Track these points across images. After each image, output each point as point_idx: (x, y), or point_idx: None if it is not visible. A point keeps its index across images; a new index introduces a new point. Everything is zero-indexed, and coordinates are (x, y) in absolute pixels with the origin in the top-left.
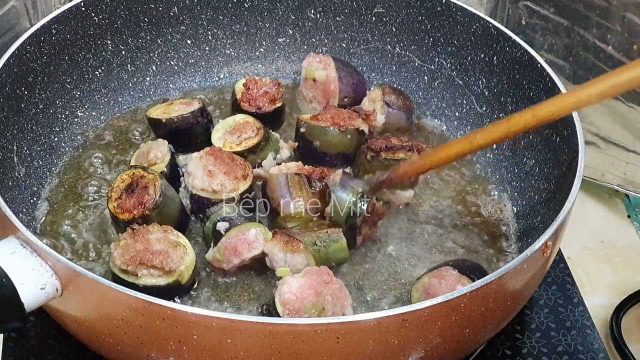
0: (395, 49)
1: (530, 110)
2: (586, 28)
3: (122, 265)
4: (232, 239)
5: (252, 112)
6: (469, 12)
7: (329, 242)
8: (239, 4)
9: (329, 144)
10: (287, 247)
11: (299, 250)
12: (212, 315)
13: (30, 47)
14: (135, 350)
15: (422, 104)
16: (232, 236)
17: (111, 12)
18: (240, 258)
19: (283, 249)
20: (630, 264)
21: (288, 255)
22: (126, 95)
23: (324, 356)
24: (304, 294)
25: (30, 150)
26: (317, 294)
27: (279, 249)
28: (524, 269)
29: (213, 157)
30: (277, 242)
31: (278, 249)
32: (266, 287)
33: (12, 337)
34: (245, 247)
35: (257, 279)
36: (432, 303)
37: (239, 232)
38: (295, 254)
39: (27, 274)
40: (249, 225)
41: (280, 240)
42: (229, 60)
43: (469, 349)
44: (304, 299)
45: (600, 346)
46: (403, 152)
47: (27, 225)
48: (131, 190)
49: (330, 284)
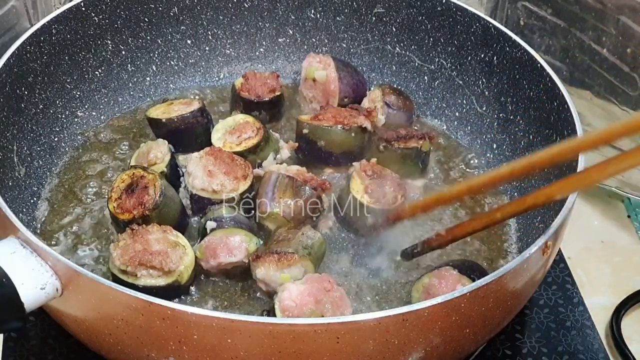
0: (395, 49)
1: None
2: (582, 30)
3: (122, 266)
4: (214, 240)
5: (251, 99)
6: (469, 12)
7: (312, 240)
8: (239, 4)
9: (334, 143)
10: (282, 264)
11: (295, 262)
12: (212, 315)
13: (30, 47)
14: (135, 350)
15: (422, 104)
16: (216, 238)
17: (111, 12)
18: (217, 261)
19: (278, 268)
20: (630, 264)
21: (285, 271)
22: (126, 95)
23: (324, 356)
24: (304, 300)
25: (30, 150)
26: (316, 301)
27: (274, 270)
28: (524, 269)
29: (213, 157)
30: (268, 264)
31: (273, 270)
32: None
33: (12, 337)
34: (225, 251)
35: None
36: (432, 303)
37: (223, 235)
38: (292, 267)
39: (27, 274)
40: (236, 231)
41: (271, 262)
42: (229, 60)
43: (469, 349)
44: (303, 305)
45: (600, 346)
46: (415, 141)
47: (27, 225)
48: (131, 191)
49: (331, 291)
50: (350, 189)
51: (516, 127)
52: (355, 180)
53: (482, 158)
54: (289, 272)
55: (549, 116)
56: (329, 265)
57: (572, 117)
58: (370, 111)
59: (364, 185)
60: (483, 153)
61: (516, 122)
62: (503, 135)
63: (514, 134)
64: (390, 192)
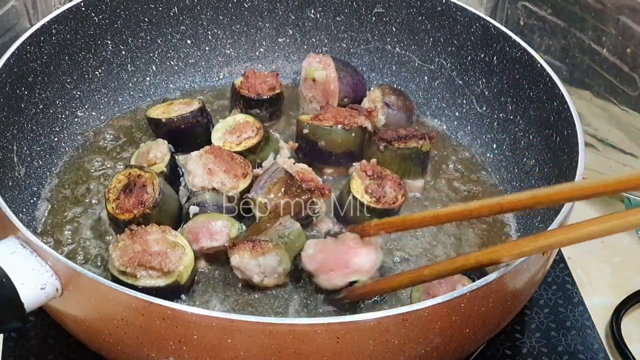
0: (395, 49)
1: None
2: (582, 30)
3: (121, 266)
4: (197, 224)
5: (251, 97)
6: (469, 12)
7: (289, 230)
8: (239, 4)
9: (334, 143)
10: (256, 252)
11: (269, 250)
12: (212, 315)
13: (30, 47)
14: (135, 350)
15: (422, 104)
16: (198, 222)
17: (111, 12)
18: (199, 245)
19: (253, 256)
20: (630, 264)
21: (260, 259)
22: (126, 95)
23: (324, 356)
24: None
25: (30, 150)
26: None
27: (249, 258)
28: (524, 269)
29: (213, 156)
30: (242, 252)
31: (247, 258)
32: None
33: (12, 337)
34: (207, 236)
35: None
36: (432, 303)
37: (205, 220)
38: (266, 255)
39: (27, 274)
40: (218, 216)
41: (245, 249)
42: (229, 60)
43: (469, 349)
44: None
45: (600, 346)
46: (415, 141)
47: (27, 225)
48: (129, 190)
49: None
50: (350, 189)
51: (516, 127)
52: (356, 180)
53: (482, 158)
54: (264, 261)
55: (549, 116)
56: None
57: (572, 117)
58: (370, 111)
59: (364, 186)
60: (483, 153)
61: (516, 122)
62: (503, 135)
63: (514, 134)
64: (390, 192)
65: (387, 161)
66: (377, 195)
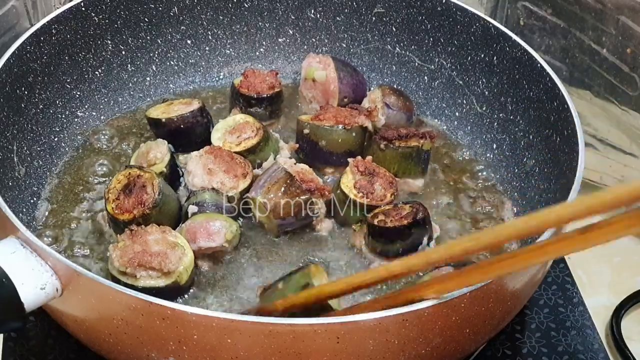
0: (395, 49)
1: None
2: (582, 30)
3: (121, 267)
4: (195, 224)
5: (251, 95)
6: (469, 12)
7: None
8: (239, 4)
9: (335, 143)
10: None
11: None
12: (212, 315)
13: (30, 47)
14: (135, 350)
15: (422, 104)
16: (197, 222)
17: (111, 12)
18: (197, 245)
19: (205, 172)
20: (630, 264)
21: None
22: (126, 95)
23: (324, 356)
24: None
25: (30, 150)
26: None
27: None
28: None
29: (213, 156)
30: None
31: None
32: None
33: (12, 337)
34: (204, 236)
35: (256, 278)
36: (432, 303)
37: (203, 220)
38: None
39: (27, 274)
40: (217, 216)
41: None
42: (229, 60)
43: (469, 349)
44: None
45: (600, 346)
46: (416, 140)
47: (27, 225)
48: (129, 191)
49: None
50: (340, 184)
51: (516, 127)
52: (347, 175)
53: (482, 158)
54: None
55: (549, 116)
56: (330, 264)
57: (572, 117)
58: (370, 111)
59: (355, 181)
60: (483, 153)
61: (516, 122)
62: (503, 135)
63: (514, 134)
64: (379, 190)
65: (387, 160)
66: (364, 190)
